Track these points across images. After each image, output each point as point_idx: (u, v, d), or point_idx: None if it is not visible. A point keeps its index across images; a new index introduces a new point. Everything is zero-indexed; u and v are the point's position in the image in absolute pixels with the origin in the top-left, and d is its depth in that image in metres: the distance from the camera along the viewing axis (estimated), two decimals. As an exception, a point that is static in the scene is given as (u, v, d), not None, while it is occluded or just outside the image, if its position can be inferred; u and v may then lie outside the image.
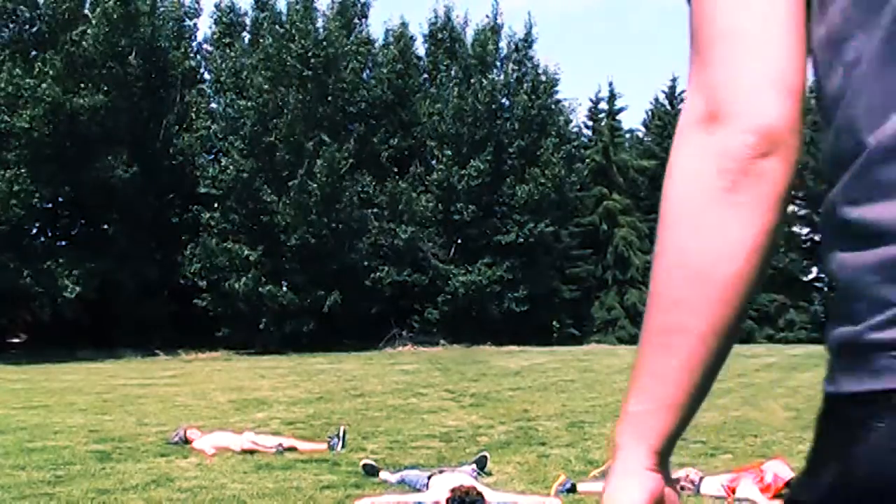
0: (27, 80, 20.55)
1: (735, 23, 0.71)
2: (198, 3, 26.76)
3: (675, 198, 0.75)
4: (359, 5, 26.83)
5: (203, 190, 23.75)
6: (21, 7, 21.75)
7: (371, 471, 6.10)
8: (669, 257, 0.74)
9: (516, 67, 27.37)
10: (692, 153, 0.73)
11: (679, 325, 0.73)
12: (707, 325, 0.72)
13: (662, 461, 0.77)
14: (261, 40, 24.49)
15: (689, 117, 0.73)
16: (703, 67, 0.72)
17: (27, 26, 22.15)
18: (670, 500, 0.77)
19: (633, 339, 29.41)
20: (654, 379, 0.75)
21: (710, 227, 0.71)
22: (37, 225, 24.80)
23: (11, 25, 22.13)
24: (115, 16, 21.58)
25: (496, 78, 26.21)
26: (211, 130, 24.39)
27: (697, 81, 0.73)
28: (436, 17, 28.27)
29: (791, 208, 34.45)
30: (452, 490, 5.10)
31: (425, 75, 27.70)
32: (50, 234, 25.53)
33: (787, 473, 5.39)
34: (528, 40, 27.51)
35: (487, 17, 27.95)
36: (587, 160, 29.87)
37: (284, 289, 23.18)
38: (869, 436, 0.62)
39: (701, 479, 5.60)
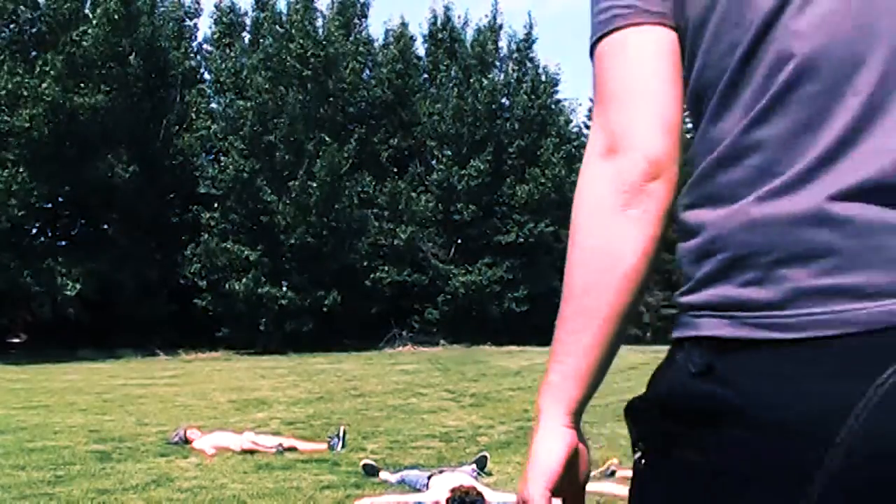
0: (27, 80, 20.55)
1: (629, 79, 0.93)
2: (198, 3, 26.80)
3: (584, 211, 0.95)
4: (358, 5, 26.83)
5: (203, 190, 23.75)
6: (21, 7, 21.74)
7: (371, 471, 6.10)
8: (581, 256, 0.95)
9: (516, 67, 27.36)
10: (597, 177, 0.94)
11: (588, 310, 0.94)
12: (610, 310, 0.93)
13: (576, 420, 0.99)
14: (261, 40, 24.49)
15: (593, 150, 0.95)
16: (605, 112, 0.94)
17: (27, 26, 22.14)
18: (582, 452, 1.00)
19: (633, 339, 29.43)
20: (568, 355, 0.96)
21: (611, 234, 0.92)
22: (37, 225, 24.79)
23: (12, 26, 22.12)
24: (116, 16, 21.58)
25: (496, 78, 26.21)
26: (211, 130, 24.39)
27: (600, 122, 0.94)
28: (435, 16, 28.31)
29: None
30: (452, 490, 5.10)
31: (425, 75, 27.70)
32: (50, 233, 25.53)
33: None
34: (528, 40, 27.51)
35: (486, 16, 27.94)
36: (587, 160, 29.86)
37: (284, 289, 23.18)
38: (672, 364, 0.91)
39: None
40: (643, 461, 0.94)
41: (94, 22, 21.37)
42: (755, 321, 0.82)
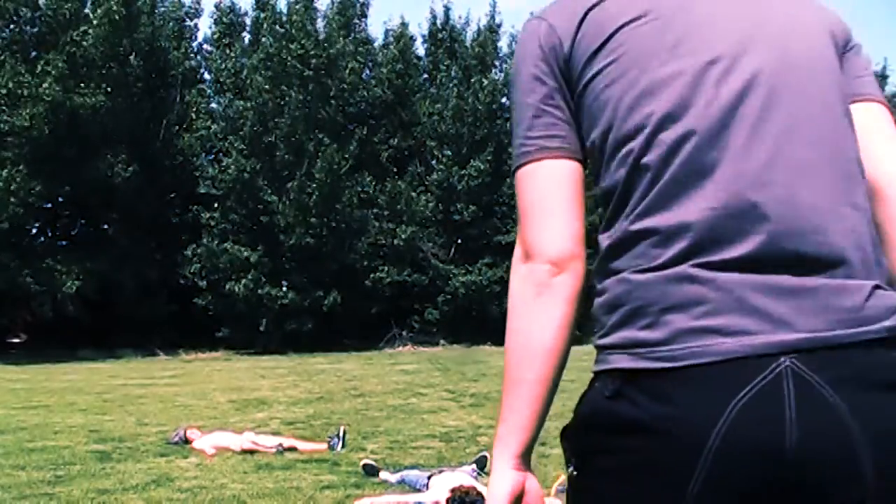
0: (27, 80, 20.54)
1: (536, 201, 1.21)
2: (198, 3, 26.78)
3: (512, 303, 1.21)
4: (358, 5, 26.82)
5: (203, 190, 23.75)
6: (22, 7, 21.74)
7: (371, 471, 6.10)
8: (512, 337, 1.21)
9: (517, 67, 27.34)
10: (518, 277, 1.22)
11: (521, 378, 1.19)
12: (536, 377, 1.19)
13: (524, 461, 1.22)
14: (261, 40, 24.47)
15: (516, 256, 1.23)
16: (522, 227, 1.23)
17: (28, 26, 22.14)
18: (531, 486, 1.23)
19: (633, 339, 29.41)
20: (510, 412, 1.21)
21: (530, 318, 1.19)
22: (36, 224, 24.80)
23: (12, 26, 22.12)
24: (116, 16, 21.57)
25: (496, 78, 26.20)
26: (211, 130, 24.39)
27: (519, 235, 1.24)
28: (434, 16, 28.29)
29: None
30: (452, 490, 5.10)
31: (425, 75, 27.69)
32: (50, 233, 25.53)
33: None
34: (530, 41, 27.50)
35: (486, 15, 27.88)
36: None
37: (284, 289, 23.17)
38: (592, 391, 1.18)
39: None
40: (574, 472, 1.19)
41: (95, 22, 21.36)
42: (649, 355, 1.08)
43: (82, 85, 21.19)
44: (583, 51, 1.20)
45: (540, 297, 1.19)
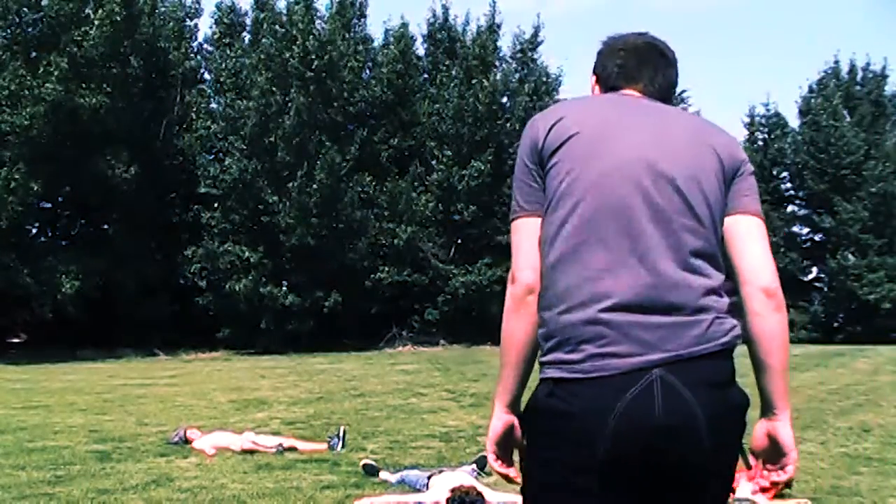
0: (30, 81, 20.53)
1: (519, 245, 1.80)
2: (198, 3, 26.76)
3: (504, 312, 1.81)
4: (357, 4, 26.80)
5: (203, 190, 23.73)
6: (24, 8, 21.73)
7: (371, 471, 6.10)
8: (503, 335, 1.81)
9: (519, 68, 27.32)
10: (508, 294, 1.82)
11: (507, 360, 1.82)
12: (516, 360, 1.81)
13: (512, 409, 1.86)
14: (261, 40, 24.46)
15: (508, 280, 1.83)
16: (512, 260, 1.80)
17: (30, 28, 22.13)
18: (516, 424, 1.86)
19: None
20: (502, 380, 1.85)
21: (512, 324, 1.80)
22: (37, 224, 24.81)
23: (14, 27, 22.10)
24: (117, 17, 21.56)
25: (497, 78, 26.18)
26: (211, 130, 24.37)
27: (511, 266, 1.82)
28: (434, 16, 28.27)
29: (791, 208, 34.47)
30: (452, 490, 5.10)
31: (425, 75, 27.67)
32: (50, 233, 25.54)
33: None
34: (534, 42, 27.46)
35: (485, 15, 27.75)
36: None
37: (284, 289, 23.16)
38: (538, 390, 1.75)
39: (701, 479, 5.59)
40: (525, 443, 1.84)
41: (97, 23, 21.36)
42: (570, 369, 1.68)
43: (83, 85, 21.20)
44: (547, 150, 1.82)
45: (518, 310, 1.81)
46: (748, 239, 1.81)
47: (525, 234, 1.81)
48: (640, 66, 1.94)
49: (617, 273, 1.68)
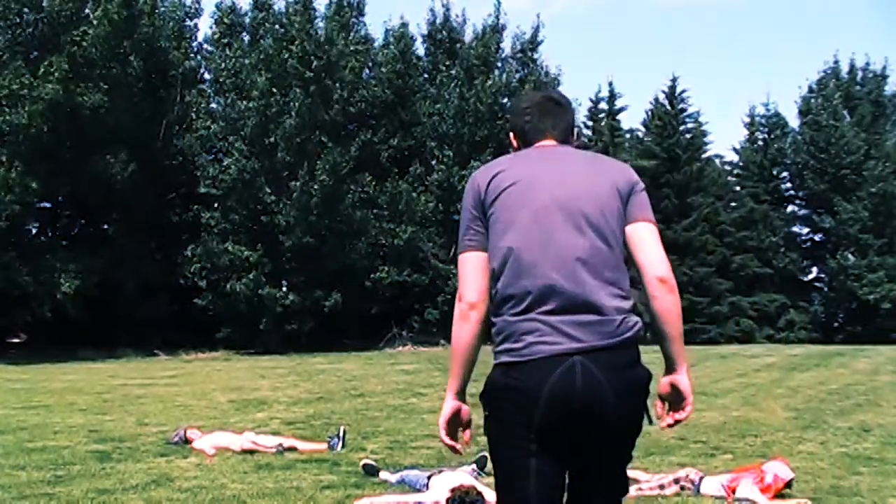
0: (30, 81, 20.51)
1: (464, 273, 2.40)
2: (198, 2, 26.74)
3: (453, 322, 2.39)
4: (355, 4, 26.81)
5: (203, 190, 23.73)
6: (25, 8, 21.73)
7: (371, 471, 6.10)
8: (452, 341, 2.41)
9: (519, 68, 27.31)
10: (455, 309, 2.39)
11: (454, 362, 2.42)
12: (462, 360, 2.40)
13: (459, 397, 2.45)
14: (261, 40, 24.46)
15: (456, 299, 2.39)
16: (459, 283, 2.40)
17: (31, 28, 22.12)
18: (464, 408, 2.46)
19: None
20: (452, 375, 2.45)
21: (458, 332, 2.39)
22: (36, 224, 24.81)
23: (14, 27, 22.10)
24: (116, 17, 21.56)
25: (497, 78, 26.17)
26: (211, 130, 24.36)
27: (458, 288, 2.39)
28: (434, 16, 28.26)
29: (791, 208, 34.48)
30: (452, 490, 5.10)
31: (425, 75, 27.66)
32: (50, 233, 25.53)
33: (787, 473, 5.38)
34: (534, 42, 27.44)
35: (489, 15, 27.79)
36: (587, 160, 29.77)
37: (285, 289, 23.16)
38: (494, 371, 2.34)
39: (701, 479, 5.60)
40: (486, 413, 2.35)
41: (96, 23, 21.35)
42: (515, 354, 2.23)
43: (83, 85, 21.18)
44: (488, 199, 2.36)
45: (463, 322, 2.39)
46: (645, 240, 2.39)
47: (469, 265, 2.39)
48: (542, 117, 2.54)
49: (544, 288, 2.29)
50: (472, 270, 2.37)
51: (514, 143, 2.60)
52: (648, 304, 2.34)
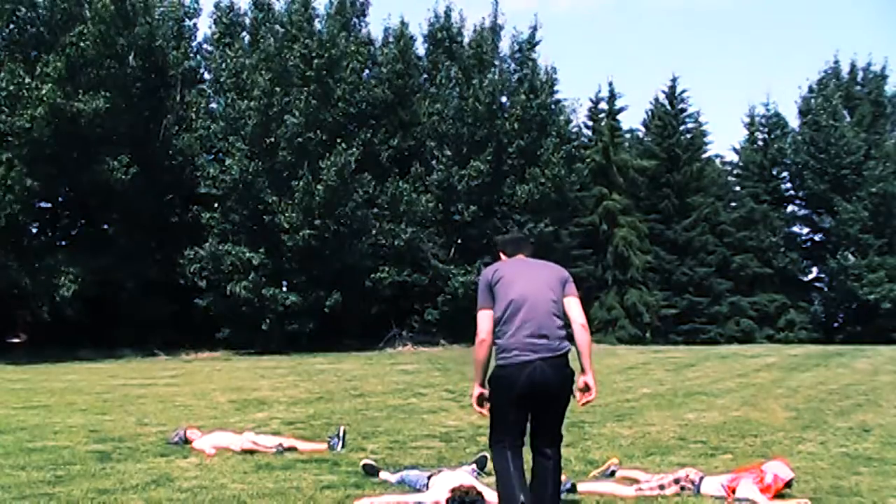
0: (27, 82, 20.51)
1: (481, 323, 4.53)
2: (197, 2, 26.70)
3: (475, 348, 4.60)
4: (357, 4, 26.79)
5: (203, 190, 23.71)
6: (20, 7, 21.71)
7: (371, 471, 6.10)
8: (475, 358, 4.59)
9: (518, 68, 27.30)
10: (476, 341, 4.57)
11: (477, 368, 4.59)
12: (481, 367, 4.57)
13: (482, 384, 4.60)
14: (260, 41, 24.45)
15: (476, 335, 4.59)
16: (478, 327, 4.57)
17: (28, 27, 22.11)
18: (485, 393, 4.60)
19: (633, 339, 29.40)
20: (477, 375, 4.61)
21: (478, 354, 4.56)
22: (37, 225, 24.78)
23: (11, 26, 22.09)
24: (107, 16, 21.53)
25: (496, 78, 26.16)
26: (211, 130, 24.35)
27: (478, 328, 4.58)
28: (435, 16, 28.26)
29: (792, 208, 34.48)
30: (452, 490, 5.11)
31: (425, 75, 27.66)
32: (50, 233, 25.51)
33: (787, 473, 5.39)
34: (532, 41, 27.44)
35: (487, 16, 27.86)
36: (587, 160, 29.80)
37: (285, 289, 23.15)
38: (496, 370, 4.50)
39: (701, 479, 5.60)
40: (490, 389, 4.52)
41: (89, 22, 21.34)
42: (506, 360, 4.42)
43: (81, 86, 21.15)
44: (493, 283, 4.53)
45: (479, 348, 4.51)
46: (573, 306, 4.56)
47: (484, 317, 4.48)
48: (517, 246, 4.95)
49: (523, 327, 4.40)
50: (485, 320, 4.48)
51: (502, 256, 4.88)
52: (574, 337, 4.49)
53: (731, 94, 73.97)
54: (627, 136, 34.30)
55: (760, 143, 35.20)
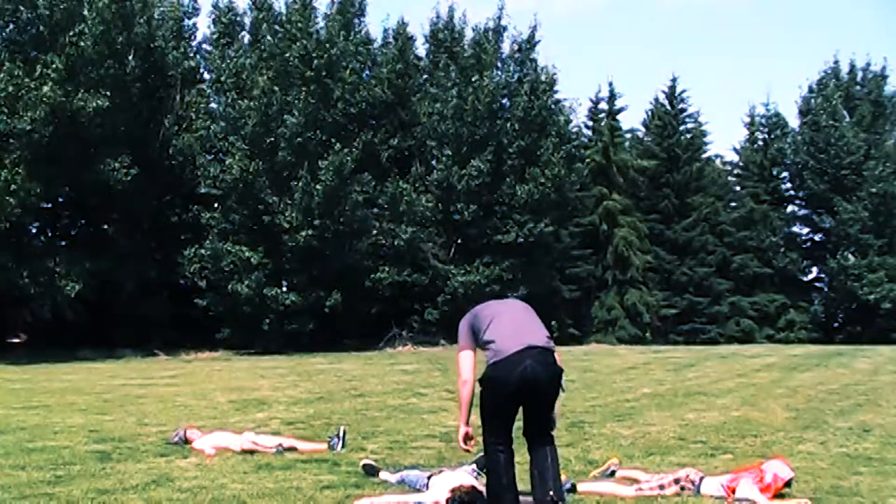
0: (27, 81, 20.51)
1: (461, 360, 4.92)
2: (195, 2, 26.70)
3: (459, 387, 4.91)
4: (356, 4, 26.79)
5: (203, 190, 23.71)
6: (20, 7, 21.71)
7: (371, 471, 6.10)
8: (460, 395, 4.89)
9: (518, 68, 27.31)
10: (458, 381, 4.92)
11: (463, 404, 4.88)
12: (466, 405, 4.87)
13: (467, 424, 4.87)
14: (261, 40, 24.45)
15: (458, 375, 4.94)
16: (459, 367, 4.92)
17: (28, 27, 22.10)
18: (470, 431, 4.90)
19: (633, 339, 29.41)
20: (462, 412, 4.91)
21: (462, 391, 4.87)
22: (37, 225, 24.79)
23: (11, 26, 22.09)
24: (107, 15, 21.53)
25: (496, 78, 26.16)
26: (211, 130, 24.35)
27: (458, 369, 4.96)
28: (438, 17, 28.27)
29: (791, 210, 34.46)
30: (452, 490, 5.11)
31: (425, 75, 27.66)
32: (50, 234, 25.52)
33: (787, 473, 5.39)
34: (531, 41, 27.45)
35: (490, 17, 27.84)
36: (587, 160, 29.82)
37: (285, 289, 23.15)
38: (487, 370, 4.74)
39: (701, 479, 5.60)
40: (482, 390, 4.71)
41: (89, 21, 21.34)
42: (500, 361, 4.65)
43: (81, 86, 21.14)
44: (473, 317, 4.96)
45: (463, 388, 4.83)
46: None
47: (465, 357, 4.86)
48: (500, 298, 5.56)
49: (513, 345, 4.67)
50: (467, 360, 4.84)
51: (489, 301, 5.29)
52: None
53: (731, 94, 74.01)
54: (627, 136, 34.31)
55: (760, 143, 35.20)
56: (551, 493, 4.62)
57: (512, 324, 4.80)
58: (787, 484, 5.38)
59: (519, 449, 4.82)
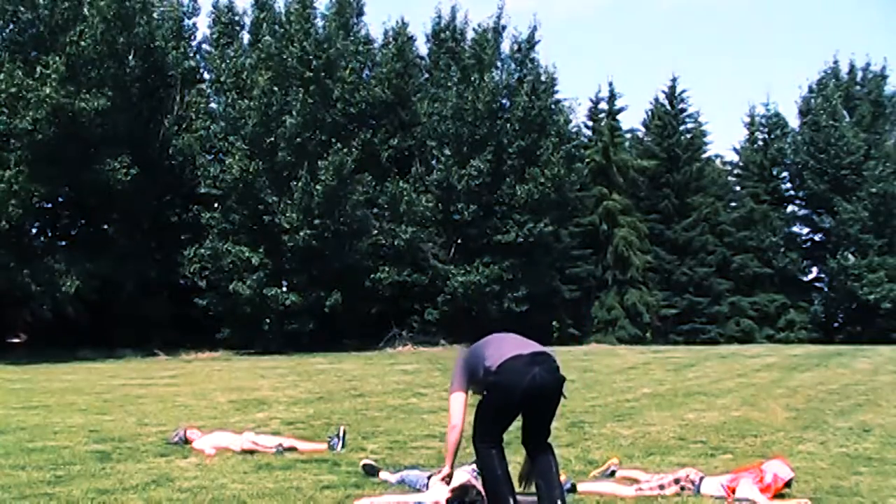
0: (28, 81, 20.51)
1: (453, 403, 5.06)
2: (195, 2, 26.71)
3: (448, 432, 5.02)
4: (355, 4, 26.76)
5: (203, 190, 23.72)
6: (20, 8, 21.71)
7: (371, 471, 6.10)
8: (447, 442, 5.03)
9: (518, 68, 27.32)
10: (449, 427, 5.02)
11: (450, 450, 5.02)
12: (453, 450, 5.01)
13: (454, 466, 5.09)
14: (261, 40, 24.46)
15: (449, 421, 5.06)
16: (450, 412, 5.09)
17: (29, 27, 22.10)
18: (455, 474, 5.17)
19: (633, 339, 29.40)
20: (448, 458, 5.05)
21: (451, 437, 4.97)
22: (37, 225, 24.80)
23: (11, 26, 22.09)
24: (109, 14, 21.54)
25: (496, 78, 26.16)
26: (210, 130, 24.35)
27: (449, 413, 5.12)
28: (440, 17, 28.26)
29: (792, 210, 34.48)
30: (452, 490, 5.10)
31: (426, 75, 27.65)
32: (50, 234, 25.54)
33: (787, 473, 5.38)
34: (531, 41, 27.46)
35: (491, 17, 27.85)
36: (587, 160, 29.82)
37: (285, 289, 23.16)
38: (493, 374, 4.79)
39: (701, 479, 5.60)
40: (486, 393, 4.81)
41: (90, 21, 21.34)
42: (509, 369, 4.72)
43: (82, 86, 21.15)
44: (473, 357, 5.02)
45: (452, 433, 4.93)
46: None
47: (457, 400, 4.98)
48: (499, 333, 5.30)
49: (514, 356, 4.77)
50: (458, 403, 4.94)
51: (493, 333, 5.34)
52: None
53: (731, 94, 74.00)
54: (627, 136, 34.29)
55: (760, 143, 35.19)
56: (558, 502, 4.71)
57: (513, 340, 4.97)
58: (787, 484, 5.38)
59: (509, 455, 4.83)
